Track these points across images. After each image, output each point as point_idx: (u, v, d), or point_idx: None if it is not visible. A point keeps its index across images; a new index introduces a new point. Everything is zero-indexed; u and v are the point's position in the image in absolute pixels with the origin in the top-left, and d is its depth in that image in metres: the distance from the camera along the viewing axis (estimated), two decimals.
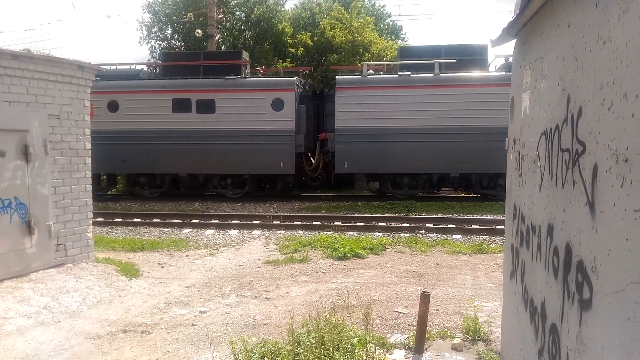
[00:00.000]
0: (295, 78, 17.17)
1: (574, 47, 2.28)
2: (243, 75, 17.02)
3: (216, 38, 22.04)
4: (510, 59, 16.41)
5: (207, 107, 16.72)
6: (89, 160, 8.10)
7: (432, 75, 15.95)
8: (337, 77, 16.81)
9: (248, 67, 17.85)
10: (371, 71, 16.84)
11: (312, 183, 18.83)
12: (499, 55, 16.57)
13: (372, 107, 16.01)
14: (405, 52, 17.61)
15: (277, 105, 16.50)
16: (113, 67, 18.11)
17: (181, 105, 16.74)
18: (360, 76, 16.55)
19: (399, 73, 16.34)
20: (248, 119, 16.47)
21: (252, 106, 16.50)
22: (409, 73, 16.13)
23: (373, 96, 16.07)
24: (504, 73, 15.63)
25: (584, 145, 2.10)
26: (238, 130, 16.43)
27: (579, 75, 2.19)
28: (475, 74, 15.90)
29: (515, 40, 3.88)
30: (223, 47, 26.20)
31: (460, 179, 16.60)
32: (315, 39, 26.21)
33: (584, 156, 2.10)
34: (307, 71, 21.18)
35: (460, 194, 18.61)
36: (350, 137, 16.14)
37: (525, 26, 3.37)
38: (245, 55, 18.27)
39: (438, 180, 16.85)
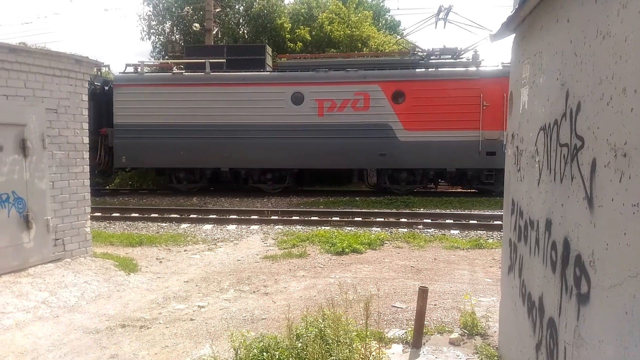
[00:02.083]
0: None
1: (573, 42, 2.28)
2: None
3: (214, 32, 21.94)
4: (284, 60, 17.46)
5: None
6: (86, 155, 8.10)
7: (202, 74, 16.62)
8: (115, 74, 17.54)
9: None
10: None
11: (98, 178, 19.39)
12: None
13: (148, 104, 16.67)
14: (191, 51, 18.20)
15: None
16: None
17: None
18: (137, 73, 17.15)
19: (172, 71, 17.02)
20: None
21: None
22: (183, 71, 16.88)
23: (150, 93, 16.73)
24: (270, 72, 16.93)
25: (583, 140, 2.10)
26: None
27: (578, 70, 2.19)
28: (246, 73, 16.57)
29: (514, 35, 3.88)
30: (223, 41, 26.09)
31: (230, 173, 17.28)
32: (314, 33, 26.14)
33: (583, 151, 2.10)
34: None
35: (458, 189, 18.62)
36: (127, 133, 16.73)
37: (524, 21, 3.37)
38: None
39: (211, 174, 17.44)
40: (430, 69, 16.43)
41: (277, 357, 3.94)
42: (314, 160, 16.62)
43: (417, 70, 16.29)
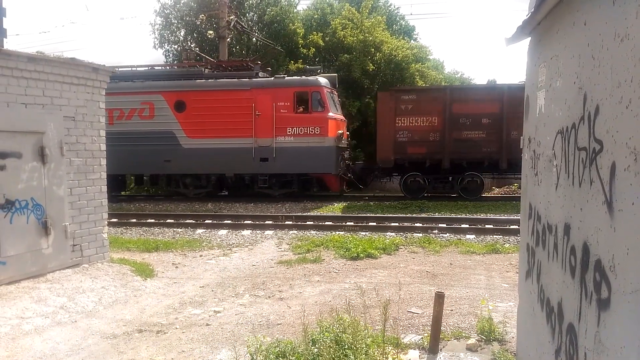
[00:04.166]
0: None
1: (591, 45, 2.26)
2: None
3: (228, 39, 22.12)
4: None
5: None
6: (104, 162, 8.20)
7: None
8: None
9: None
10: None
11: None
12: None
13: None
14: None
15: None
16: None
17: None
18: None
19: None
20: None
21: None
22: None
23: None
24: None
25: (601, 144, 2.08)
26: None
27: (596, 74, 2.17)
28: None
29: (529, 38, 3.85)
30: (237, 48, 26.27)
31: None
32: (327, 39, 26.19)
33: (602, 155, 2.08)
34: None
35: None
36: None
37: (540, 24, 3.35)
38: None
39: None
40: (209, 80, 17.40)
41: None
42: (107, 167, 17.35)
43: (197, 81, 17.31)
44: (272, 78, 17.42)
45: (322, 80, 17.01)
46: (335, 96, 18.03)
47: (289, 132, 16.56)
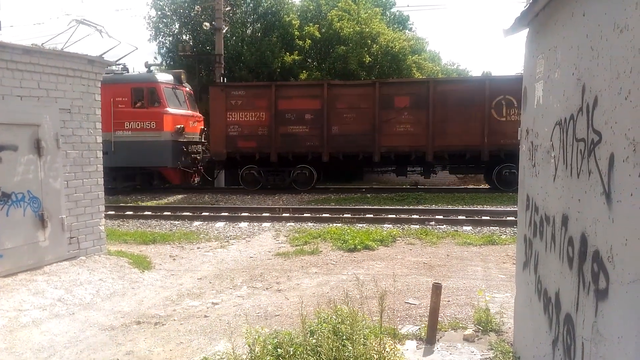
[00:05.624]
0: None
1: (589, 36, 2.26)
2: None
3: (224, 31, 21.99)
4: None
5: None
6: (100, 154, 8.17)
7: None
8: None
9: None
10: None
11: None
12: None
13: None
14: None
15: None
16: None
17: None
18: None
19: None
20: None
21: None
22: None
23: None
24: None
25: (600, 135, 2.09)
26: None
27: (595, 65, 2.18)
28: None
29: (527, 29, 3.85)
30: (233, 40, 26.11)
31: None
32: (323, 30, 26.08)
33: (600, 146, 2.09)
34: None
35: (470, 185, 18.55)
36: None
37: (538, 15, 3.35)
38: None
39: None
40: None
41: (291, 352, 3.96)
42: None
43: None
44: (111, 74, 17.77)
45: (161, 76, 17.49)
46: (182, 92, 18.40)
47: (127, 126, 17.11)
